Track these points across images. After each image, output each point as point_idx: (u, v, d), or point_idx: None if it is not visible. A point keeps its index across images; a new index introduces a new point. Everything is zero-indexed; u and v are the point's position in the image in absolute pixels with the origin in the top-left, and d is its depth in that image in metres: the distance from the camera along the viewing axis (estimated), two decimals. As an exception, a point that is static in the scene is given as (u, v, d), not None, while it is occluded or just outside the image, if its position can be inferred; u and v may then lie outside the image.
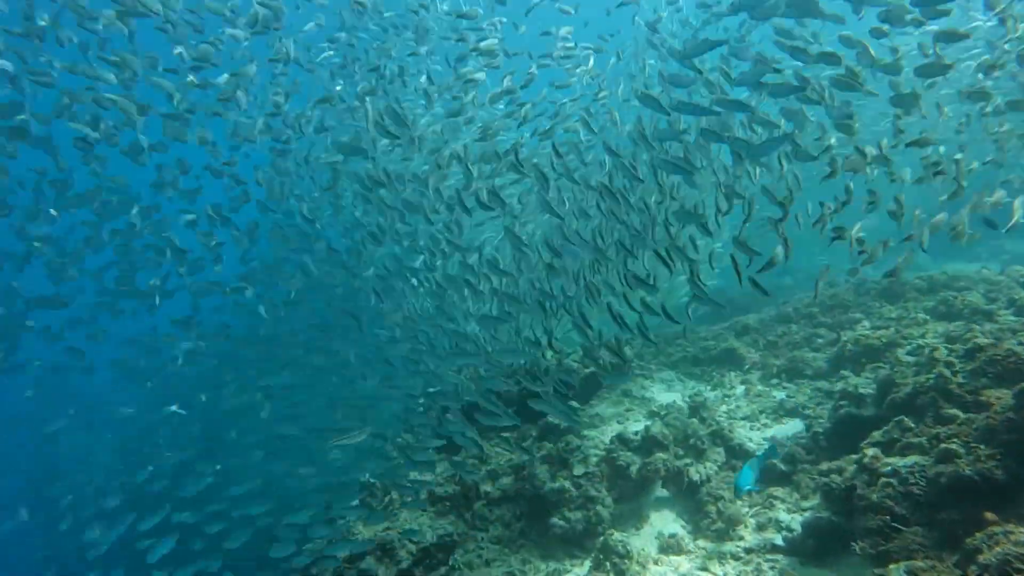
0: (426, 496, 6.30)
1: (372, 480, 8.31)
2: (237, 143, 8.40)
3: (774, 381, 8.28)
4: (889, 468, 4.51)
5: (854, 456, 5.09)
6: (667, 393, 8.70)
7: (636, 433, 6.72)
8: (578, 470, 6.29)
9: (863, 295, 9.47)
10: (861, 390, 6.03)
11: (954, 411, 4.79)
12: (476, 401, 5.94)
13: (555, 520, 5.90)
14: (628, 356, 9.16)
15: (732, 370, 9.09)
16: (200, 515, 7.42)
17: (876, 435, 5.06)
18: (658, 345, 10.80)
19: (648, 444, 6.39)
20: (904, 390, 5.41)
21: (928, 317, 8.15)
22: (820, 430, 6.12)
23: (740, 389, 8.34)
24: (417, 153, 8.00)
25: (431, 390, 9.55)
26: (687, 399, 8.18)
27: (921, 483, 4.27)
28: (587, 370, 8.89)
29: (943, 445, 4.37)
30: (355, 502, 9.00)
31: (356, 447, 9.40)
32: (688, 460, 6.28)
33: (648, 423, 7.01)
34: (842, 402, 6.09)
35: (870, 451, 4.83)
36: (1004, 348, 4.99)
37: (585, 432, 7.42)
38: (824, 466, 5.41)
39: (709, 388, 8.73)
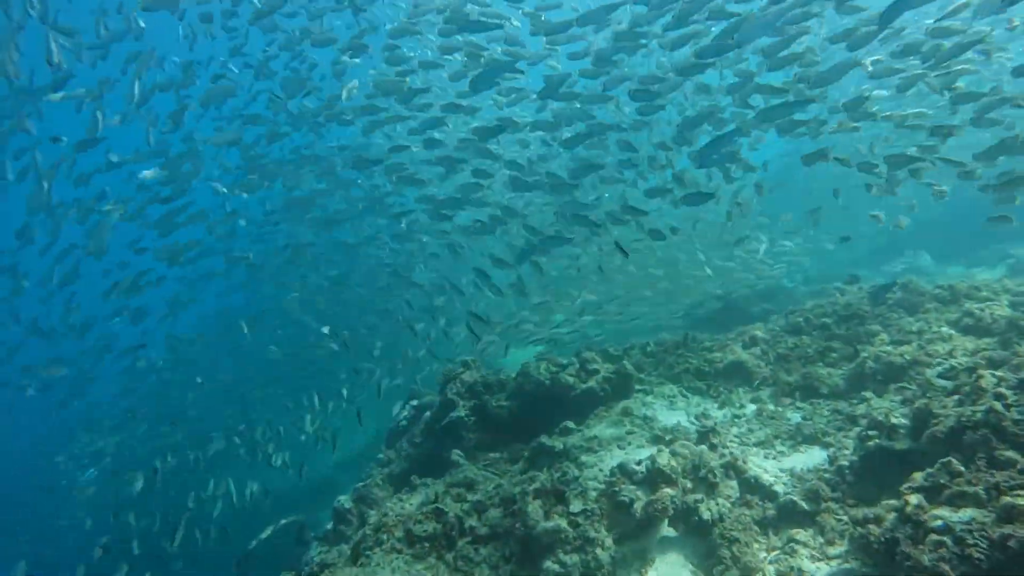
0: (403, 535, 5.60)
1: (347, 506, 7.63)
2: None
3: (787, 400, 7.63)
4: (940, 523, 3.85)
5: (893, 502, 4.44)
6: (670, 411, 8.03)
7: (640, 463, 6.05)
8: (575, 506, 5.60)
9: (878, 304, 8.84)
10: (893, 419, 5.38)
11: (1011, 454, 4.15)
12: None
13: (549, 564, 5.21)
14: (627, 369, 8.51)
15: (740, 386, 8.44)
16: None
17: (918, 478, 4.40)
18: (657, 356, 10.18)
19: (654, 477, 5.72)
20: (946, 423, 4.76)
21: (952, 331, 7.55)
22: (846, 463, 5.47)
23: (751, 408, 7.69)
24: None
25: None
26: (693, 420, 7.53)
27: (982, 545, 3.61)
28: (584, 385, 8.22)
29: (1006, 499, 3.73)
30: (328, 526, 8.33)
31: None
32: (698, 495, 5.62)
33: (653, 450, 6.35)
34: (871, 432, 5.45)
35: (913, 499, 4.17)
36: (1067, 380, 4.36)
37: (582, 458, 6.74)
38: (857, 512, 4.76)
39: (716, 406, 8.07)
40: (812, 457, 6.16)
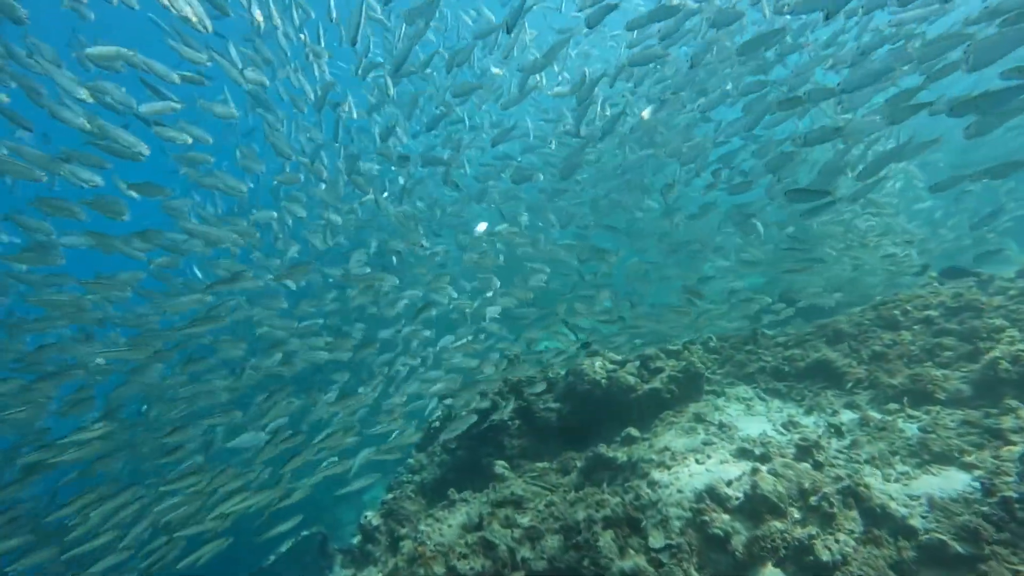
0: (445, 573, 4.56)
1: (374, 523, 6.66)
2: None
3: (893, 406, 6.39)
4: None
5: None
6: (750, 418, 6.86)
7: (731, 484, 4.92)
8: (656, 540, 4.51)
9: (996, 293, 7.51)
10: (1076, 439, 4.14)
11: None
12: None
13: (627, 614, 4.15)
14: (697, 367, 7.36)
15: (827, 388, 7.22)
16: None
17: None
18: (722, 353, 8.99)
19: (756, 505, 4.58)
20: None
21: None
22: (1013, 494, 4.25)
23: (848, 416, 6.47)
24: None
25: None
26: (781, 429, 6.35)
27: None
28: (647, 385, 7.09)
29: None
30: (354, 540, 7.40)
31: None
32: (811, 528, 4.47)
33: (742, 467, 5.22)
34: (1042, 454, 4.23)
35: None
36: None
37: (654, 474, 5.62)
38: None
39: (802, 411, 6.87)
40: (950, 481, 4.94)
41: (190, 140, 7.17)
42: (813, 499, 4.68)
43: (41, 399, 6.61)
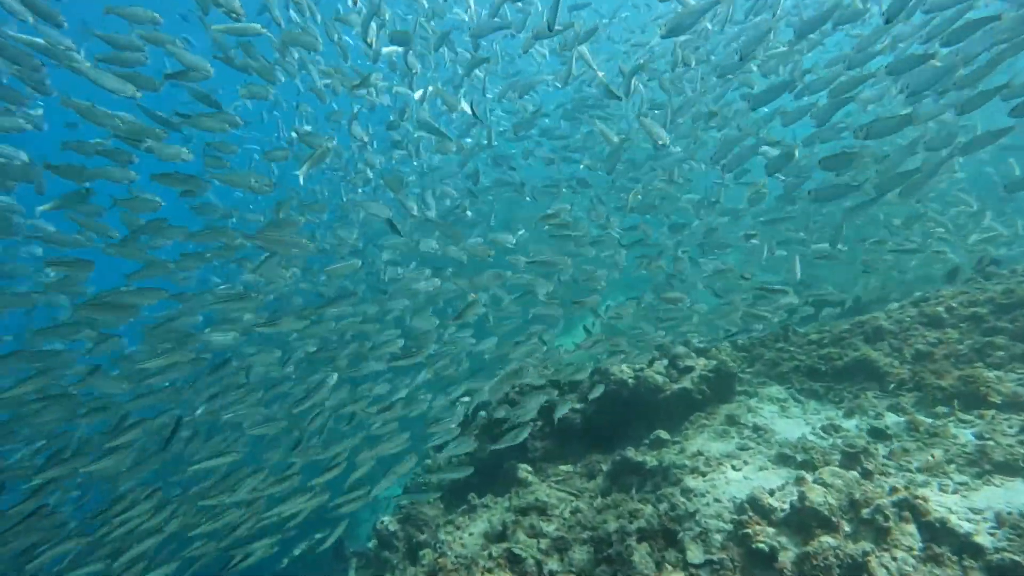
0: (468, 588, 4.27)
1: (391, 528, 6.39)
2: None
3: (942, 410, 5.98)
4: None
5: None
6: (785, 420, 6.48)
7: (774, 494, 4.57)
8: (695, 555, 4.18)
9: (1048, 291, 7.04)
10: None
11: None
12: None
13: (664, 636, 3.83)
14: (729, 366, 7.00)
15: (868, 389, 6.82)
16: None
17: None
18: (750, 351, 8.60)
19: (804, 518, 4.23)
20: None
21: None
22: (1093, 511, 3.86)
23: (893, 419, 6.07)
24: None
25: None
26: (821, 433, 5.98)
27: None
28: (676, 385, 6.75)
29: None
30: (369, 544, 7.15)
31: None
32: (865, 544, 4.11)
33: (783, 475, 4.87)
34: None
35: None
36: None
37: (687, 481, 5.28)
38: None
39: (841, 414, 6.48)
40: (1017, 494, 4.55)
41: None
42: (865, 511, 4.31)
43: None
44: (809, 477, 4.65)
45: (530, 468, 6.24)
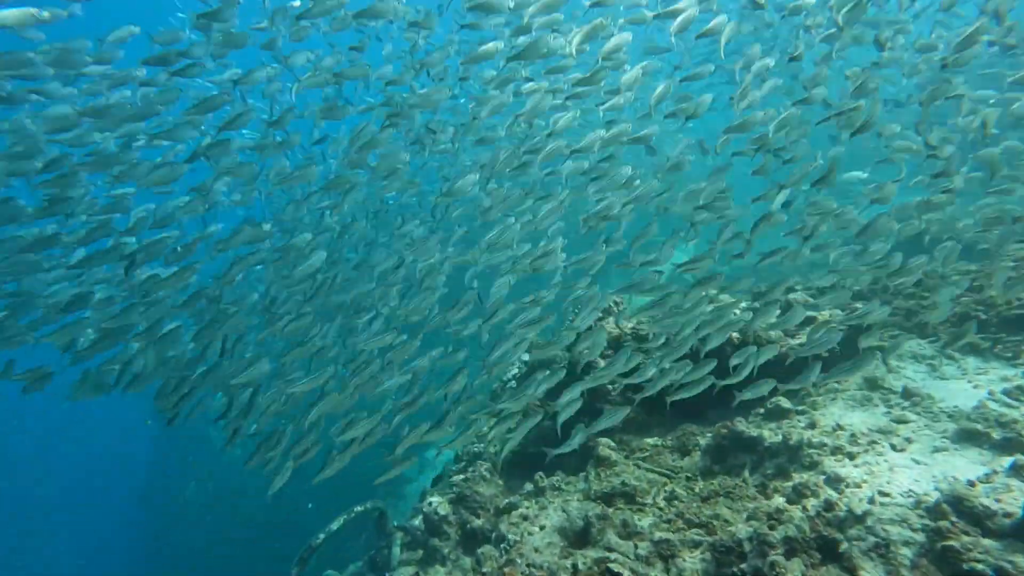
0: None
1: (441, 512, 5.35)
2: None
3: None
4: None
5: None
6: (941, 382, 4.99)
7: (975, 487, 3.18)
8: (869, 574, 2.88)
9: None
10: None
11: None
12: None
13: None
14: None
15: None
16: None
17: None
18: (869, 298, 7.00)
19: (1048, 532, 2.84)
20: None
21: None
22: None
23: (1107, 382, 4.49)
24: None
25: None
26: (1005, 397, 4.46)
27: None
28: (793, 341, 5.33)
29: None
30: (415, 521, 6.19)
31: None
32: None
33: (985, 459, 3.45)
34: None
35: None
36: None
37: (829, 465, 3.93)
38: None
39: (1022, 372, 4.93)
40: None
41: None
42: None
43: None
44: (1033, 466, 3.23)
45: (612, 443, 5.01)
